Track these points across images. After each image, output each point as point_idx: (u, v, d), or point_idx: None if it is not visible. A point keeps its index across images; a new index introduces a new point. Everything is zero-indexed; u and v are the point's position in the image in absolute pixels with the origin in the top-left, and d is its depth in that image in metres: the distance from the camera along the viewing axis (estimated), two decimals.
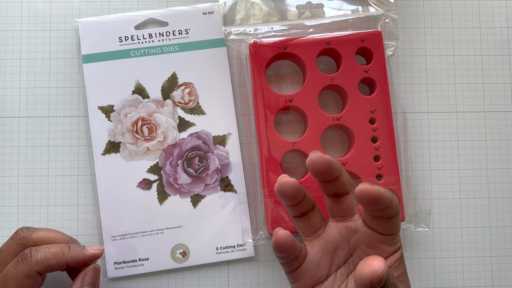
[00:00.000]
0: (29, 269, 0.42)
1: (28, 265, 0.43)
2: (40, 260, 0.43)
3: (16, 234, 0.45)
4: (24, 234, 0.45)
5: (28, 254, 0.43)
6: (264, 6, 0.53)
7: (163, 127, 0.53)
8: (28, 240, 0.45)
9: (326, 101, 0.54)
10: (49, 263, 0.43)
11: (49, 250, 0.44)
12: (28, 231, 0.45)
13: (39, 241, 0.46)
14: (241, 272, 0.53)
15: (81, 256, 0.45)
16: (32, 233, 0.45)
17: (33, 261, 0.43)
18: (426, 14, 0.56)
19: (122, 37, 0.54)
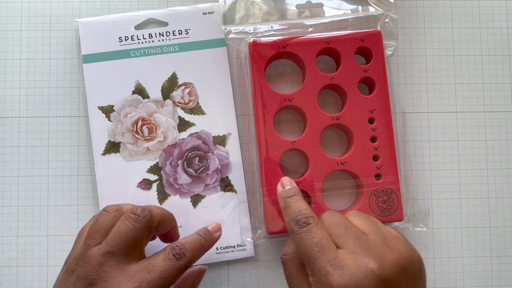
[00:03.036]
0: (185, 267, 0.43)
1: (184, 264, 0.43)
2: (192, 258, 0.44)
3: (134, 215, 0.43)
4: (146, 214, 0.43)
5: (182, 254, 0.43)
6: (263, 5, 0.53)
7: (163, 127, 0.53)
8: (153, 221, 0.44)
9: (325, 100, 0.54)
10: (195, 260, 0.44)
11: (195, 246, 0.44)
12: (146, 211, 0.44)
13: (161, 220, 0.45)
14: (241, 272, 0.53)
15: (213, 243, 0.47)
16: (152, 212, 0.44)
17: (187, 261, 0.43)
18: (426, 14, 0.56)
19: (122, 37, 0.54)
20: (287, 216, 0.43)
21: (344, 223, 0.41)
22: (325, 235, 0.39)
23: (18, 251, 0.53)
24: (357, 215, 0.43)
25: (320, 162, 0.51)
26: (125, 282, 0.41)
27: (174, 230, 0.48)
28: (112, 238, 0.42)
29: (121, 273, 0.41)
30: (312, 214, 0.41)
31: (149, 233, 0.43)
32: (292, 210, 0.42)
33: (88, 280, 0.40)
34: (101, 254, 0.41)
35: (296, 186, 0.46)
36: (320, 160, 0.51)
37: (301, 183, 0.50)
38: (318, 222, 0.41)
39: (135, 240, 0.42)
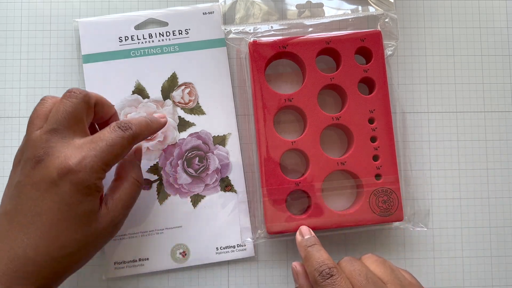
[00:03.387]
0: (132, 138, 0.44)
1: (131, 134, 0.44)
2: (138, 132, 0.45)
3: (70, 93, 0.43)
4: (82, 91, 0.44)
5: (127, 126, 0.44)
6: (263, 5, 0.53)
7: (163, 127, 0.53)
8: (90, 97, 0.44)
9: (325, 100, 0.54)
10: (142, 136, 0.46)
11: (140, 122, 0.46)
12: (81, 89, 0.44)
13: (99, 100, 0.46)
14: (241, 272, 0.53)
15: (160, 127, 0.49)
16: (88, 92, 0.45)
17: (133, 132, 0.44)
18: (426, 14, 0.56)
19: (122, 37, 0.54)
20: (309, 266, 0.43)
21: (365, 272, 0.41)
22: (349, 286, 0.40)
23: None
24: (374, 261, 0.44)
25: (320, 162, 0.51)
26: (72, 152, 0.41)
27: (114, 118, 0.49)
28: (52, 117, 0.42)
29: (68, 145, 0.42)
30: (335, 265, 0.42)
31: (88, 110, 0.44)
32: (315, 261, 0.43)
33: (35, 160, 0.41)
34: (44, 133, 0.42)
35: (315, 235, 0.47)
36: (320, 160, 0.51)
37: (301, 183, 0.50)
38: (341, 273, 0.41)
39: (75, 115, 0.43)
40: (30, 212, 0.40)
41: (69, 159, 0.40)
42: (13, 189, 0.41)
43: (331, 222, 0.50)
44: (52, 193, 0.40)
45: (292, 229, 0.49)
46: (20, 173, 0.41)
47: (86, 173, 0.40)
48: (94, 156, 0.41)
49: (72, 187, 0.40)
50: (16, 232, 0.39)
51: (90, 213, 0.42)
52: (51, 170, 0.40)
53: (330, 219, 0.50)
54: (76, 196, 0.40)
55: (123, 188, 0.46)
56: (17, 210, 0.40)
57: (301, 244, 0.46)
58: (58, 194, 0.40)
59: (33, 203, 0.40)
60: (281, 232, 0.50)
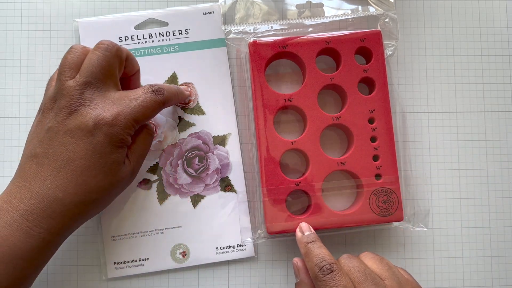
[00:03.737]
0: (162, 103, 0.47)
1: (162, 99, 0.47)
2: (168, 98, 0.47)
3: (103, 45, 0.45)
4: (114, 44, 0.45)
5: (161, 91, 0.47)
6: (263, 5, 0.53)
7: (163, 127, 0.53)
8: (122, 51, 0.46)
9: (325, 100, 0.54)
10: (171, 103, 0.49)
11: (171, 89, 0.48)
12: (114, 43, 0.45)
13: (128, 55, 0.47)
14: (241, 272, 0.53)
15: (185, 98, 0.53)
16: (120, 47, 0.46)
17: (165, 97, 0.47)
18: (426, 14, 0.56)
19: (122, 37, 0.54)
20: (309, 262, 0.43)
21: (363, 268, 0.42)
22: (349, 282, 0.40)
23: None
24: (372, 258, 0.44)
25: (320, 162, 0.51)
26: (108, 106, 0.43)
27: (137, 76, 0.50)
28: (86, 69, 0.43)
29: (103, 98, 0.44)
30: (335, 261, 0.42)
31: (120, 64, 0.46)
32: (315, 256, 0.43)
33: (70, 109, 0.42)
34: (78, 84, 0.43)
35: (314, 232, 0.47)
36: (320, 160, 0.51)
37: (301, 183, 0.50)
38: (341, 269, 0.42)
39: (108, 69, 0.44)
40: (62, 157, 0.42)
41: (106, 112, 0.43)
42: (45, 133, 0.43)
43: (331, 222, 0.50)
44: (86, 142, 0.42)
45: (292, 229, 0.49)
46: (54, 120, 0.43)
47: (120, 128, 0.43)
48: (129, 113, 0.43)
49: (106, 138, 0.42)
50: (46, 174, 0.42)
51: (117, 164, 0.44)
52: (88, 119, 0.42)
53: (330, 219, 0.50)
54: (108, 147, 0.43)
55: (138, 139, 0.47)
56: (48, 154, 0.42)
57: (301, 240, 0.46)
58: (92, 143, 0.42)
59: (65, 149, 0.42)
60: (281, 232, 0.50)
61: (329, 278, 0.41)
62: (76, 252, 0.53)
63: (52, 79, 0.46)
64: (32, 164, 0.42)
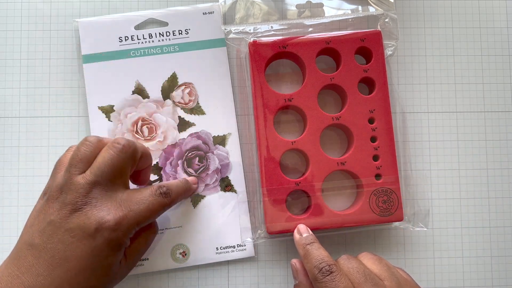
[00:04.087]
0: (168, 206, 0.46)
1: (168, 202, 0.46)
2: (175, 199, 0.47)
3: (119, 145, 0.44)
4: (131, 144, 0.45)
5: (168, 193, 0.46)
6: (263, 5, 0.53)
7: (163, 127, 0.53)
8: (137, 152, 0.45)
9: (325, 100, 0.54)
10: (177, 201, 0.48)
11: (178, 190, 0.48)
12: (131, 142, 0.45)
13: (143, 152, 0.47)
14: (241, 272, 0.53)
15: (191, 193, 0.52)
16: (136, 144, 0.45)
17: (171, 200, 0.46)
18: (426, 14, 0.56)
19: (122, 37, 0.54)
20: (308, 264, 0.43)
21: (362, 269, 0.42)
22: (348, 283, 0.40)
23: None
24: (370, 259, 0.44)
25: (320, 162, 0.51)
26: (113, 208, 0.42)
27: (148, 169, 0.50)
28: (97, 167, 0.43)
29: (109, 199, 0.43)
30: (334, 262, 0.42)
31: (133, 163, 0.45)
32: (314, 258, 0.43)
33: (75, 206, 0.42)
34: (87, 182, 0.42)
35: (312, 233, 0.47)
36: (320, 160, 0.51)
37: (301, 183, 0.50)
38: (340, 270, 0.41)
39: (120, 170, 0.44)
40: (59, 255, 0.41)
41: (110, 215, 0.42)
42: (46, 225, 0.41)
43: (331, 222, 0.50)
44: (86, 244, 0.41)
45: (292, 229, 0.49)
46: (57, 214, 0.41)
47: (122, 232, 0.42)
48: (133, 218, 0.43)
49: (105, 242, 0.41)
50: (41, 269, 0.40)
51: (113, 265, 0.43)
52: (91, 222, 0.41)
53: (330, 219, 0.50)
54: (106, 250, 0.42)
55: (140, 238, 0.47)
56: (46, 248, 0.41)
57: (299, 242, 0.46)
58: (91, 246, 0.41)
59: (64, 247, 0.41)
60: (281, 232, 0.50)
61: (328, 280, 0.40)
62: None
63: (61, 162, 0.45)
64: (29, 254, 0.41)
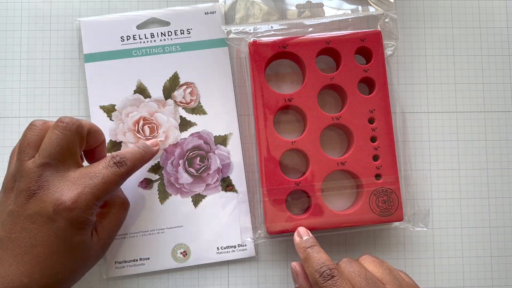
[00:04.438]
0: (126, 174, 0.45)
1: (125, 170, 0.45)
2: (132, 167, 0.46)
3: (63, 123, 0.43)
4: (75, 121, 0.44)
5: (123, 161, 0.45)
6: (263, 5, 0.53)
7: (165, 126, 0.53)
8: (83, 128, 0.44)
9: (325, 100, 0.54)
10: (135, 170, 0.47)
11: (135, 156, 0.47)
12: (74, 119, 0.44)
13: (90, 128, 0.46)
14: (241, 272, 0.53)
15: (152, 156, 0.50)
16: (80, 121, 0.44)
17: (128, 168, 0.45)
18: (426, 14, 0.57)
19: (124, 37, 0.54)
20: (309, 267, 0.43)
21: (364, 273, 0.42)
22: (350, 287, 0.40)
23: None
24: (372, 262, 0.44)
25: (320, 162, 0.51)
26: (67, 187, 0.42)
27: (102, 147, 0.49)
28: (44, 149, 0.42)
29: (62, 179, 0.42)
30: (335, 266, 0.42)
31: (81, 141, 0.45)
32: (315, 261, 0.42)
33: (29, 192, 0.41)
34: (37, 165, 0.42)
35: (313, 236, 0.47)
36: (320, 160, 0.51)
37: (301, 183, 0.50)
38: (341, 274, 0.41)
39: (68, 148, 0.43)
40: (24, 243, 0.41)
41: (65, 195, 0.41)
42: (6, 216, 0.42)
43: (331, 222, 0.50)
44: (47, 228, 0.41)
45: (292, 229, 0.49)
46: (14, 203, 0.41)
47: (81, 210, 0.42)
48: (89, 193, 0.42)
49: (67, 223, 0.41)
50: (10, 259, 0.40)
51: (82, 243, 0.43)
52: (47, 205, 0.41)
53: (330, 219, 0.50)
54: (71, 230, 0.41)
55: (111, 214, 0.47)
56: (11, 239, 0.41)
57: (299, 245, 0.46)
58: (53, 229, 0.41)
59: (27, 235, 0.41)
60: (281, 232, 0.50)
61: (330, 284, 0.40)
62: None
63: (14, 152, 0.45)
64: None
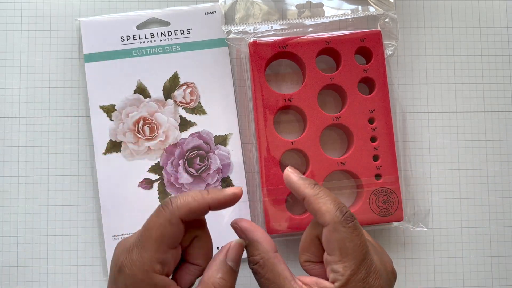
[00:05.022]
0: (171, 215, 0.39)
1: (170, 211, 0.40)
2: (181, 205, 0.40)
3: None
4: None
5: (168, 201, 0.40)
6: (263, 5, 0.53)
7: (165, 126, 0.53)
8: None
9: (325, 100, 0.54)
10: (190, 206, 0.40)
11: (189, 194, 0.41)
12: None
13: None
14: (241, 272, 0.53)
15: (221, 196, 0.42)
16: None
17: (174, 207, 0.40)
18: (426, 14, 0.57)
19: (124, 37, 0.54)
20: (326, 205, 0.39)
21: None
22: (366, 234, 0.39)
23: (18, 251, 0.53)
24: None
25: (320, 162, 0.51)
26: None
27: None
28: None
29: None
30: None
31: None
32: (333, 200, 0.39)
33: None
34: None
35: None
36: (320, 160, 0.51)
37: None
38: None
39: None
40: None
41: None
42: None
43: None
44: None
45: (292, 229, 0.49)
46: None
47: (139, 271, 0.38)
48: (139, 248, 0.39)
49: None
50: None
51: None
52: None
53: None
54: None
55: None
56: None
57: (304, 181, 0.42)
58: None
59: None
60: (281, 232, 0.50)
61: (354, 225, 0.38)
62: (76, 252, 0.53)
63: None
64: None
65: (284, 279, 0.39)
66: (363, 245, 0.38)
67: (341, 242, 0.38)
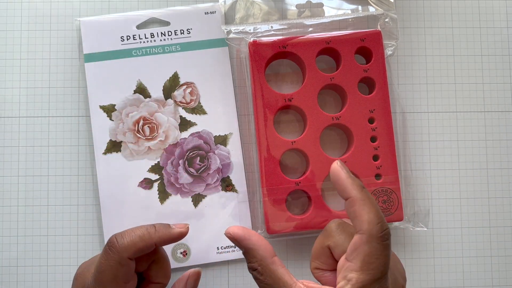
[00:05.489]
0: (120, 257, 0.41)
1: (118, 253, 0.41)
2: (129, 245, 0.41)
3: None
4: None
5: (114, 240, 0.41)
6: (263, 5, 0.53)
7: (165, 126, 0.53)
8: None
9: (325, 100, 0.54)
10: (137, 247, 0.41)
11: (135, 233, 0.42)
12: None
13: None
14: (241, 272, 0.53)
15: (168, 235, 0.43)
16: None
17: (122, 248, 0.41)
18: (426, 14, 0.57)
19: (124, 37, 0.54)
20: (370, 214, 0.37)
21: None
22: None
23: (18, 251, 0.53)
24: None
25: (320, 162, 0.51)
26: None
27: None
28: None
29: None
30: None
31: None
32: (377, 211, 0.37)
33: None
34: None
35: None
36: (320, 160, 0.51)
37: (301, 183, 0.50)
38: None
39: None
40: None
41: None
42: None
43: None
44: None
45: (292, 229, 0.49)
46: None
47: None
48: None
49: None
50: None
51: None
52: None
53: (330, 219, 0.50)
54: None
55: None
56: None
57: (354, 181, 0.39)
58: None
59: None
60: (281, 232, 0.50)
61: (387, 244, 0.36)
62: (76, 252, 0.53)
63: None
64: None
65: (284, 283, 0.39)
66: (386, 265, 0.37)
67: (369, 256, 0.36)
